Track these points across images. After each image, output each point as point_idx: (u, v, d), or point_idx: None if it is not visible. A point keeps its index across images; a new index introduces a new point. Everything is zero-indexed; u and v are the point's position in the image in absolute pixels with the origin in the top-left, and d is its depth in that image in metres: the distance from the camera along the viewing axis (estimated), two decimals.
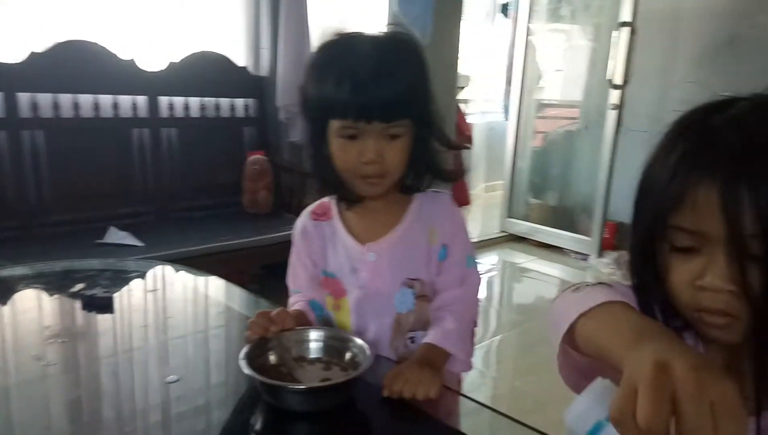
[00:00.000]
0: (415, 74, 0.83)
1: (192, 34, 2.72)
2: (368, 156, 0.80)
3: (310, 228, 0.95)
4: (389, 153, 0.82)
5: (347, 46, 0.82)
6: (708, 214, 0.49)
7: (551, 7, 3.99)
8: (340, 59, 0.81)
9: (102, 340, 0.97)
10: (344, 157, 0.83)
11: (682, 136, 0.54)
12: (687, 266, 0.53)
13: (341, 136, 0.82)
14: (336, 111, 0.80)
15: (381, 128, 0.80)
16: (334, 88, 0.79)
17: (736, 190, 0.48)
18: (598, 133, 3.59)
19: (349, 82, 0.78)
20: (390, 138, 0.81)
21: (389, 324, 0.92)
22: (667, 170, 0.53)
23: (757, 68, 3.06)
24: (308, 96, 0.84)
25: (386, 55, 0.81)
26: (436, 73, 0.86)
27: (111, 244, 2.19)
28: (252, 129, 2.92)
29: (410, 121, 0.83)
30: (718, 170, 0.49)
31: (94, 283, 1.15)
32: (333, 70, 0.80)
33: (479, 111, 5.95)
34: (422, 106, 0.85)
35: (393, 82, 0.79)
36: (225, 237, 2.35)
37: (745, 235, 0.48)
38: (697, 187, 0.50)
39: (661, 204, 0.53)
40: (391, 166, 0.83)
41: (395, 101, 0.79)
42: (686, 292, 0.54)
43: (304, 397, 0.72)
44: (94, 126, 2.44)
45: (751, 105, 0.52)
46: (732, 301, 0.50)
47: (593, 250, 3.62)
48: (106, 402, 0.79)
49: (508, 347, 2.51)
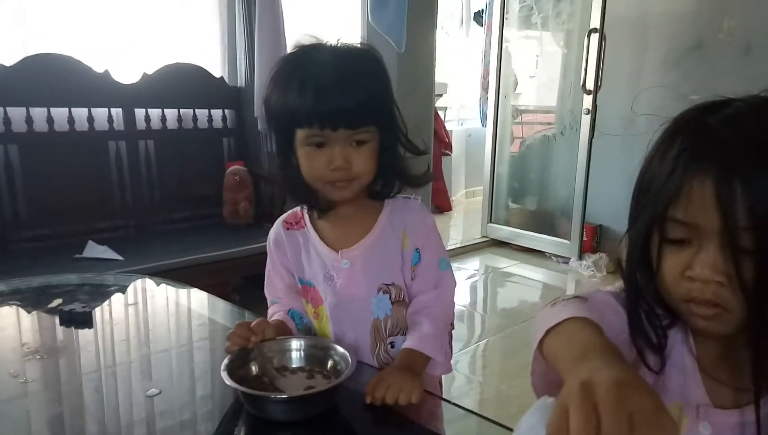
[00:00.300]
0: (377, 81, 0.85)
1: (166, 45, 2.71)
2: (336, 163, 0.82)
3: (283, 237, 0.96)
4: (356, 159, 0.83)
5: (308, 57, 0.83)
6: (702, 207, 0.51)
7: (523, 15, 4.06)
8: (301, 69, 0.82)
9: (82, 356, 0.96)
10: (312, 165, 0.84)
11: (679, 134, 0.56)
12: (678, 257, 0.55)
13: (308, 144, 0.83)
14: (301, 120, 0.81)
15: (347, 135, 0.82)
16: (298, 97, 0.80)
17: (730, 184, 0.50)
18: (574, 138, 3.65)
19: (311, 91, 0.79)
20: (357, 144, 0.83)
21: (368, 330, 0.93)
22: (665, 166, 0.55)
23: (723, 72, 3.15)
24: (272, 107, 0.85)
25: (347, 63, 0.82)
26: (413, 81, 0.88)
27: (90, 258, 2.16)
28: (231, 140, 2.91)
29: (376, 128, 0.85)
30: (714, 165, 0.51)
31: (72, 298, 1.14)
32: (295, 79, 0.81)
33: (457, 118, 6.02)
34: (386, 112, 0.86)
35: (355, 88, 0.80)
36: (206, 249, 2.33)
37: (737, 227, 0.50)
38: (692, 181, 0.52)
39: (659, 197, 0.55)
40: (359, 171, 0.84)
41: (359, 107, 0.81)
42: (676, 283, 0.56)
43: (287, 406, 0.73)
44: (69, 139, 2.41)
45: (746, 105, 0.54)
46: (720, 292, 0.52)
47: (573, 253, 3.67)
48: (88, 418, 0.78)
49: (493, 351, 2.53)
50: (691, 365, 0.62)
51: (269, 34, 2.71)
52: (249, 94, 2.81)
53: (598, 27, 3.30)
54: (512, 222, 4.19)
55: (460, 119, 6.05)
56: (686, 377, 0.62)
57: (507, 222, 4.21)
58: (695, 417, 0.61)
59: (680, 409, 0.62)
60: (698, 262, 0.53)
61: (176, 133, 2.71)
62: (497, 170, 4.22)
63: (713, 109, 0.55)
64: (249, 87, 2.82)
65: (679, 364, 0.63)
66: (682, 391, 0.63)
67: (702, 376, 0.61)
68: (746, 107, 0.54)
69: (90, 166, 2.48)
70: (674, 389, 0.63)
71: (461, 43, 5.55)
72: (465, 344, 2.55)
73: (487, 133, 4.25)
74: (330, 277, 0.92)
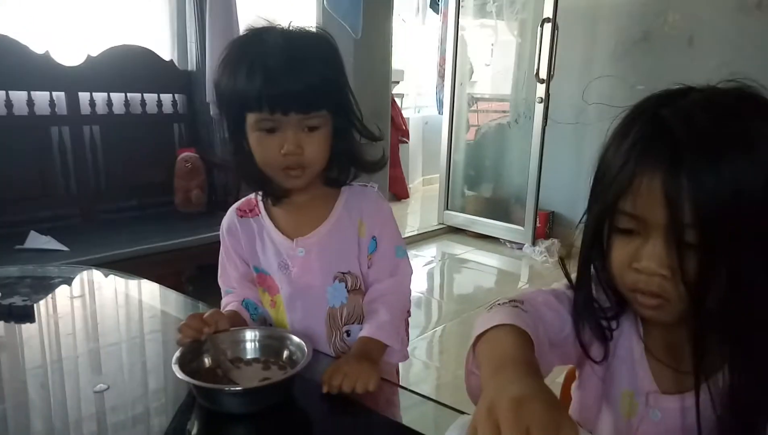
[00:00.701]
0: (329, 65, 0.83)
1: (112, 26, 2.59)
2: (288, 148, 0.80)
3: (237, 225, 0.94)
4: (309, 145, 0.82)
5: (258, 39, 0.82)
6: (650, 201, 0.53)
7: (478, 4, 4.09)
8: (251, 51, 0.81)
9: (25, 351, 0.92)
10: (264, 150, 0.83)
11: (634, 124, 0.57)
12: (627, 248, 0.57)
13: (259, 129, 0.82)
14: (251, 104, 0.80)
15: (298, 120, 0.80)
16: (247, 80, 0.78)
17: (678, 180, 0.51)
18: (528, 126, 3.72)
19: (261, 74, 0.78)
20: (309, 130, 0.82)
21: (323, 319, 0.92)
22: (618, 157, 0.56)
23: (668, 62, 3.28)
24: (222, 90, 0.83)
25: (298, 46, 0.81)
26: (370, 67, 0.87)
27: (32, 249, 2.07)
28: (181, 125, 2.82)
29: (328, 113, 0.83)
30: (663, 160, 0.52)
31: (12, 292, 1.08)
32: (244, 62, 0.79)
33: (414, 105, 6.04)
34: (339, 97, 0.85)
35: (306, 72, 0.79)
36: (157, 238, 2.26)
37: (682, 223, 0.51)
38: (642, 175, 0.53)
39: (611, 188, 0.56)
40: (312, 157, 0.83)
41: (310, 91, 0.79)
42: (624, 273, 0.58)
43: (241, 399, 0.72)
44: (8, 124, 2.28)
45: (702, 98, 0.55)
46: (664, 285, 0.54)
47: (527, 239, 3.76)
48: (33, 415, 0.75)
49: (450, 337, 2.57)
50: (639, 353, 0.64)
51: (221, 16, 2.63)
52: (200, 78, 2.73)
53: (551, 17, 3.36)
54: (468, 209, 4.25)
55: (417, 106, 6.07)
56: (635, 365, 0.64)
57: (463, 209, 4.27)
58: (645, 404, 0.63)
59: (631, 396, 0.64)
60: (644, 255, 0.55)
61: (123, 118, 2.61)
62: (453, 158, 4.26)
63: (670, 100, 0.56)
64: (200, 71, 2.74)
65: (627, 352, 0.65)
66: (631, 379, 0.65)
67: (650, 362, 0.64)
68: (702, 100, 0.55)
69: (31, 153, 2.36)
70: (623, 378, 0.65)
71: (418, 31, 5.55)
72: (422, 330, 2.58)
73: (443, 120, 4.28)
74: (285, 266, 0.91)
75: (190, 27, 2.75)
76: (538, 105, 3.54)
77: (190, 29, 2.75)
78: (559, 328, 0.65)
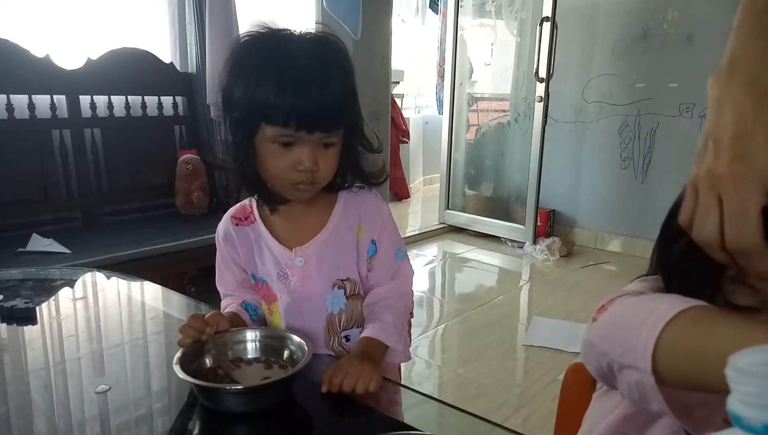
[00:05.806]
0: (349, 79, 0.81)
1: (112, 29, 2.59)
2: (305, 165, 0.78)
3: (233, 234, 0.92)
4: (323, 162, 0.81)
5: (280, 47, 0.78)
6: None
7: (477, 3, 4.09)
8: (276, 61, 0.76)
9: (28, 353, 0.92)
10: (277, 164, 0.80)
11: None
12: None
13: (275, 142, 0.79)
14: (273, 118, 0.76)
15: (319, 138, 0.79)
16: (274, 94, 0.75)
17: None
18: (528, 125, 3.73)
19: (292, 90, 0.74)
20: (324, 146, 0.80)
21: (321, 325, 0.91)
22: None
23: (667, 60, 3.28)
24: (235, 98, 0.79)
25: (323, 61, 0.78)
26: (370, 68, 0.87)
27: (34, 252, 2.07)
28: (182, 128, 2.83)
29: (343, 130, 0.82)
30: None
31: (14, 294, 1.09)
32: (270, 73, 0.75)
33: (414, 105, 6.04)
34: (355, 112, 0.84)
35: (335, 88, 0.77)
36: (158, 240, 2.27)
37: None
38: None
39: None
40: (325, 174, 0.82)
41: (337, 109, 0.78)
42: None
43: (242, 398, 0.72)
44: (9, 128, 2.29)
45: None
46: None
47: (528, 238, 3.76)
48: (36, 416, 0.75)
49: (451, 336, 2.58)
50: None
51: (221, 18, 2.64)
52: (201, 80, 2.73)
53: (550, 16, 3.36)
54: (469, 208, 4.25)
55: (417, 107, 6.08)
56: None
57: (464, 208, 4.27)
58: None
59: None
60: None
61: (124, 121, 2.61)
62: (454, 157, 4.26)
63: None
64: (201, 73, 2.74)
65: None
66: None
67: None
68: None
69: (32, 156, 2.36)
70: None
71: (417, 31, 5.55)
72: (424, 329, 2.58)
73: (443, 120, 4.29)
74: (284, 275, 0.89)
75: (189, 29, 2.75)
76: (537, 104, 3.54)
77: (189, 32, 2.76)
78: None
